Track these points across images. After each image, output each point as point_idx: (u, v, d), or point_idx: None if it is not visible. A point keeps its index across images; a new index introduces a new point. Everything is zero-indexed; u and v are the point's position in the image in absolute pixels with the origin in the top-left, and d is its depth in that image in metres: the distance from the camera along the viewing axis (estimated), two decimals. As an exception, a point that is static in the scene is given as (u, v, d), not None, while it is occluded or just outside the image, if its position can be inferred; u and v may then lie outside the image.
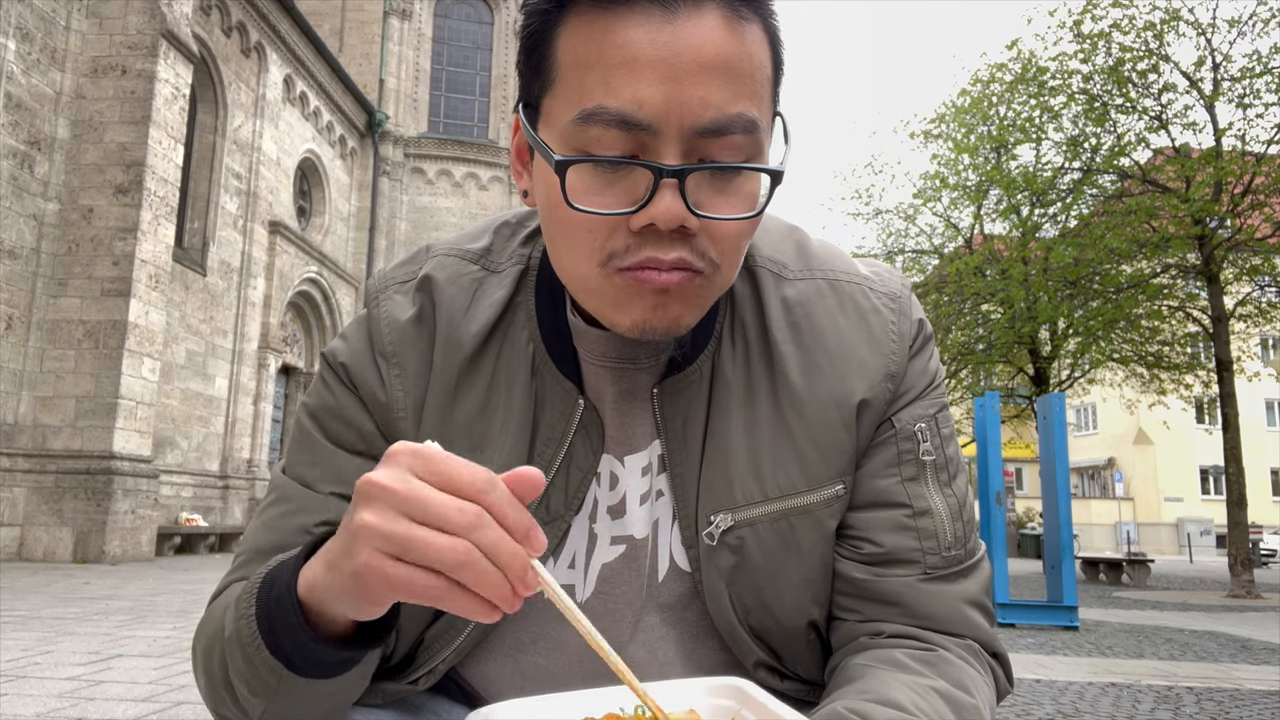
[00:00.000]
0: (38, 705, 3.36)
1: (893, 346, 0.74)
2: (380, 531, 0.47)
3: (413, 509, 0.47)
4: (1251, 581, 12.28)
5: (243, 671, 0.60)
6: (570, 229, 0.61)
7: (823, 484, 0.71)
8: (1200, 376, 16.32)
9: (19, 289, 10.94)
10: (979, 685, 0.66)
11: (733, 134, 0.59)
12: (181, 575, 9.63)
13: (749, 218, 0.61)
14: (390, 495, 0.47)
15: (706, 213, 0.59)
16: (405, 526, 0.47)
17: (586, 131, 0.59)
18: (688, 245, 0.60)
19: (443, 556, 0.46)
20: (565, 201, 0.59)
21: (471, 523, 0.46)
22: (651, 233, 0.59)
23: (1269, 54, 12.20)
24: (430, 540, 0.46)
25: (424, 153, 22.72)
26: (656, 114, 0.57)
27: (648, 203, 0.58)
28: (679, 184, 0.58)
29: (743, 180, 0.61)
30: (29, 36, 10.88)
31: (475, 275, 0.76)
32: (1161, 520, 35.66)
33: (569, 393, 0.72)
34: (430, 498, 0.47)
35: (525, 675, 0.74)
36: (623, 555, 0.74)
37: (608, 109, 0.57)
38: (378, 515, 0.47)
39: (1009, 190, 14.91)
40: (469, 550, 0.46)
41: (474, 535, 0.46)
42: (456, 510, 0.47)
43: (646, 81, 0.57)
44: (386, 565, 0.47)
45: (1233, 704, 4.19)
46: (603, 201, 0.59)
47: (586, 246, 0.61)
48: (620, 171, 0.59)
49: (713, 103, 0.58)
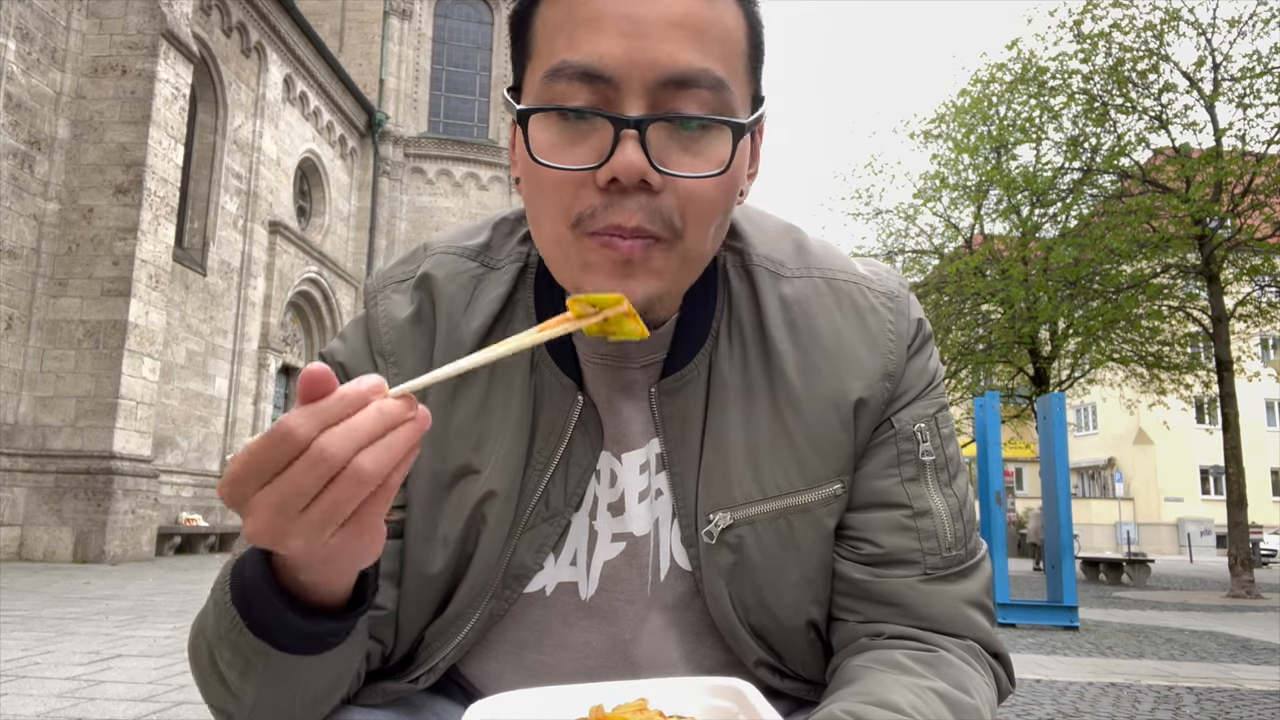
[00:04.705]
0: (38, 705, 3.36)
1: (890, 346, 0.73)
2: (249, 508, 0.46)
3: (248, 484, 0.46)
4: (1252, 581, 12.29)
5: (229, 658, 0.60)
6: (542, 190, 0.62)
7: (821, 483, 0.71)
8: (1200, 376, 16.32)
9: (19, 289, 10.93)
10: (979, 686, 0.66)
11: (698, 88, 0.59)
12: (181, 575, 9.63)
13: (714, 175, 0.60)
14: (230, 487, 0.46)
15: (671, 170, 0.59)
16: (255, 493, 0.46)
17: (553, 88, 0.60)
18: (652, 206, 0.60)
19: (290, 478, 0.45)
20: (530, 156, 0.60)
21: (288, 450, 0.45)
22: (617, 192, 0.59)
23: (1269, 54, 12.20)
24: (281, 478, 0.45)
25: (424, 153, 22.73)
26: (619, 66, 0.58)
27: (610, 157, 0.58)
28: (639, 136, 0.58)
29: (710, 141, 0.61)
30: (29, 36, 10.88)
31: (474, 272, 0.76)
32: (1161, 520, 35.66)
33: (568, 389, 0.71)
34: (250, 461, 0.46)
35: (528, 672, 0.74)
36: (624, 553, 0.74)
37: (570, 63, 0.59)
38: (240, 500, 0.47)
39: (1009, 190, 14.91)
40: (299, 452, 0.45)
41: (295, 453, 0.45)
42: (270, 448, 0.45)
43: (609, 35, 0.58)
44: (271, 520, 0.46)
45: (1233, 704, 4.19)
46: (569, 158, 0.60)
47: (556, 206, 0.61)
48: (585, 128, 0.60)
49: (678, 57, 0.59)
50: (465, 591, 0.73)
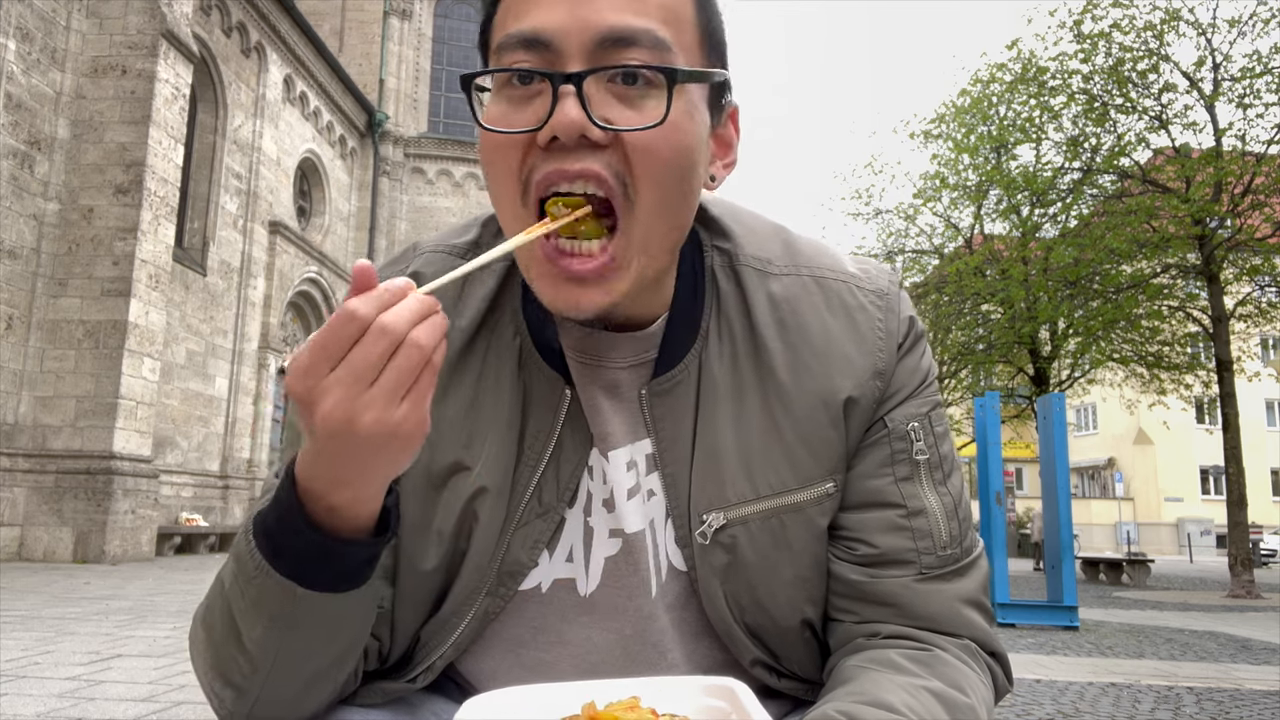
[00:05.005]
0: (38, 705, 3.36)
1: (880, 344, 0.73)
2: (314, 381, 0.52)
3: (321, 368, 0.52)
4: (1252, 581, 12.29)
5: (250, 611, 0.61)
6: (491, 161, 0.64)
7: (813, 482, 0.71)
8: (1200, 376, 16.33)
9: (19, 289, 10.94)
10: (975, 685, 0.65)
11: (638, 47, 0.60)
12: (181, 575, 9.63)
13: (654, 127, 0.61)
14: (303, 377, 0.52)
15: (612, 124, 0.60)
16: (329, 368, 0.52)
17: (499, 61, 0.62)
18: (597, 158, 0.61)
19: (358, 352, 0.51)
20: (476, 122, 0.62)
21: (351, 334, 0.51)
22: (558, 149, 0.61)
23: (1269, 54, 12.20)
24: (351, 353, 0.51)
25: (424, 153, 22.74)
26: (557, 29, 0.60)
27: (550, 116, 0.59)
28: (577, 91, 0.59)
29: (653, 96, 0.61)
30: (29, 36, 10.88)
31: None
32: (1161, 520, 35.66)
33: (556, 384, 0.72)
34: (327, 343, 0.52)
35: (526, 670, 0.74)
36: (621, 550, 0.74)
37: (512, 34, 0.61)
38: (308, 381, 0.53)
39: (1009, 190, 14.91)
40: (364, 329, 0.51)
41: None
42: (341, 326, 0.51)
43: (550, 4, 0.61)
44: (344, 397, 0.51)
45: (1233, 704, 4.19)
46: (513, 124, 0.62)
47: (505, 176, 0.63)
48: (529, 93, 0.62)
49: (615, 17, 0.60)
50: (460, 589, 0.73)
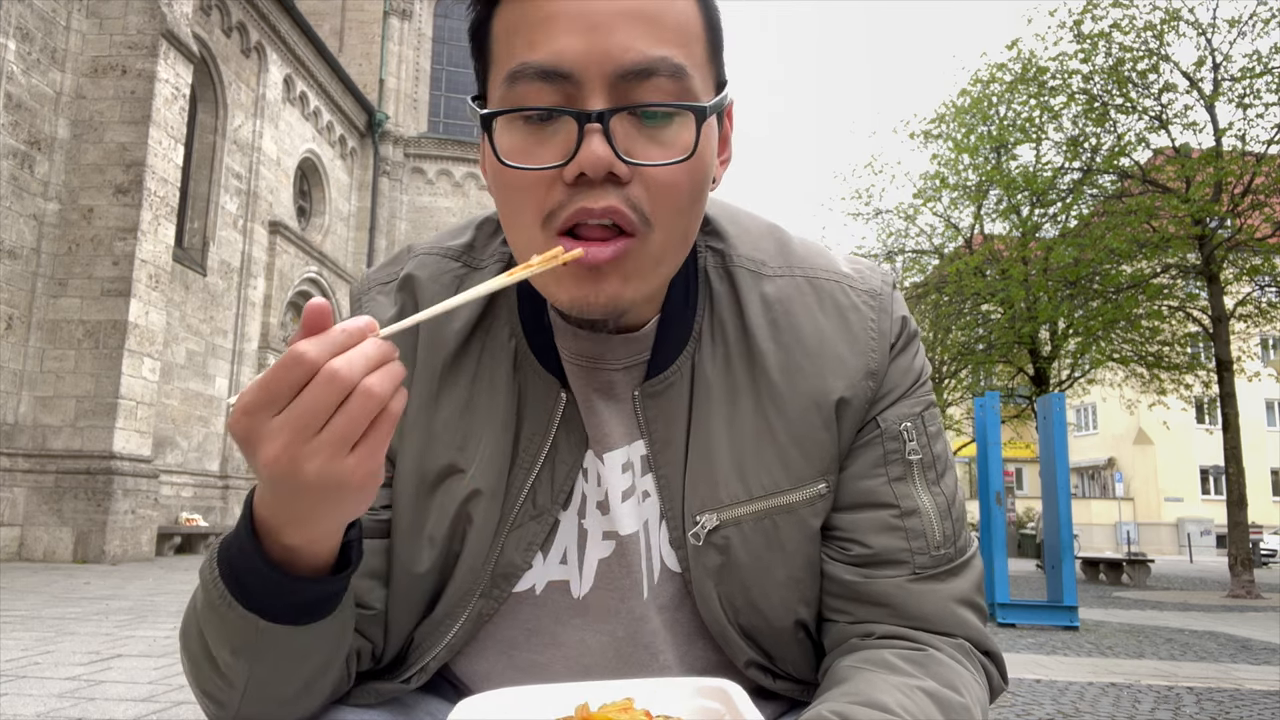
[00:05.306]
0: (38, 705, 3.36)
1: (872, 344, 0.73)
2: (262, 432, 0.50)
3: (263, 411, 0.49)
4: (1252, 581, 12.28)
5: (220, 636, 0.60)
6: (512, 194, 0.62)
7: (805, 483, 0.71)
8: (1200, 376, 16.31)
9: (19, 289, 10.94)
10: (969, 684, 0.65)
11: (658, 76, 0.59)
12: (181, 575, 9.63)
13: (681, 161, 0.61)
14: (244, 417, 0.50)
15: (637, 160, 0.59)
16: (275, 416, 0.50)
17: (514, 90, 0.60)
18: (619, 194, 0.60)
19: (306, 398, 0.49)
20: (497, 159, 0.60)
21: (298, 378, 0.49)
22: (584, 186, 0.59)
23: (1269, 54, 12.19)
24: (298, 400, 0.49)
25: (424, 153, 22.74)
26: (576, 61, 0.58)
27: (576, 152, 0.58)
28: (603, 128, 0.58)
29: (675, 128, 0.61)
30: (29, 36, 10.88)
31: (457, 273, 0.76)
32: (1161, 520, 35.64)
33: (551, 386, 0.72)
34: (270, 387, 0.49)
35: (520, 671, 0.74)
36: (614, 552, 0.74)
37: (529, 63, 0.59)
38: (254, 429, 0.50)
39: (1009, 190, 14.90)
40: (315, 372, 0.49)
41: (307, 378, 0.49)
42: (286, 371, 0.49)
43: (565, 33, 0.58)
44: (287, 444, 0.49)
45: (1233, 704, 4.19)
46: (535, 159, 0.60)
47: (526, 208, 0.62)
48: (550, 128, 0.60)
49: (634, 46, 0.59)
50: (453, 591, 0.73)
